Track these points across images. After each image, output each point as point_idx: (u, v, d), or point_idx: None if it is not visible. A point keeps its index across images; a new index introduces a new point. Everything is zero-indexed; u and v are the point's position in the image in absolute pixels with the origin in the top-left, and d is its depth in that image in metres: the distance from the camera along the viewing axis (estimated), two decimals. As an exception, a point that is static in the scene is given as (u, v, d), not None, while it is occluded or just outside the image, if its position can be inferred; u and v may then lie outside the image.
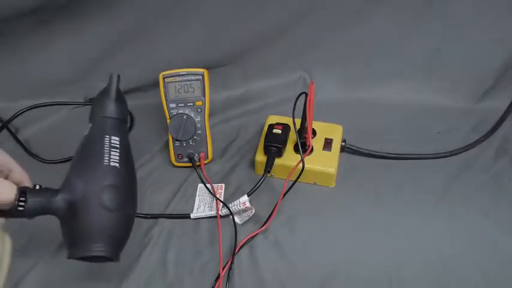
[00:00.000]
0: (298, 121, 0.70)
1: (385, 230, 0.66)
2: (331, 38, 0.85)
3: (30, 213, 0.49)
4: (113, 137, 0.55)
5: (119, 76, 0.60)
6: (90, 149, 0.54)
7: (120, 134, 0.57)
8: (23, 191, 0.49)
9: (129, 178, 0.55)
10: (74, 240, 0.50)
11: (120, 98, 0.61)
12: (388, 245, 0.64)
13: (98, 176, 0.52)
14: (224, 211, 0.67)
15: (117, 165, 0.53)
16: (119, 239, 0.53)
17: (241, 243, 0.64)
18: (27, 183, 0.52)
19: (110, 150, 0.54)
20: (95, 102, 0.60)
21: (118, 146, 0.55)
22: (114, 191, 0.52)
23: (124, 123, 0.60)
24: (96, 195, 0.50)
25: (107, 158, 0.53)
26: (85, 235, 0.50)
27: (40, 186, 0.52)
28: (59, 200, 0.50)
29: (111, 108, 0.58)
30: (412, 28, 0.83)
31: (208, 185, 0.72)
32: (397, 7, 0.80)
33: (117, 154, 0.54)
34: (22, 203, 0.48)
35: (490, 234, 0.65)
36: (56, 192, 0.51)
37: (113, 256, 0.51)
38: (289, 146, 0.74)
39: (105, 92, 0.60)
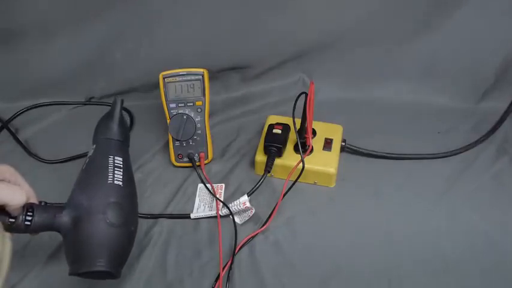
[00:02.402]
0: (298, 121, 0.70)
1: (385, 230, 0.66)
2: (331, 38, 0.85)
3: (36, 229, 0.50)
4: (116, 158, 0.59)
5: (122, 100, 0.65)
6: (94, 168, 0.57)
7: (122, 154, 0.60)
8: (30, 207, 0.50)
9: (131, 196, 0.58)
10: (76, 256, 0.51)
11: (123, 121, 0.64)
12: (388, 245, 0.64)
13: (103, 193, 0.54)
14: (224, 211, 0.67)
15: (121, 183, 0.56)
16: (121, 255, 0.54)
17: (241, 243, 0.64)
18: (34, 199, 0.52)
19: (114, 170, 0.57)
20: (99, 125, 0.64)
21: (121, 166, 0.58)
22: (118, 208, 0.53)
23: (126, 145, 0.64)
24: (101, 211, 0.52)
25: (111, 177, 0.56)
26: (88, 250, 0.50)
27: (46, 202, 0.53)
28: (64, 216, 0.51)
29: (114, 131, 0.62)
30: (412, 28, 0.83)
31: (208, 185, 0.72)
32: (397, 7, 0.80)
33: (121, 173, 0.57)
34: (29, 218, 0.49)
35: (490, 234, 0.65)
36: (61, 208, 0.52)
37: (115, 272, 0.51)
38: (289, 146, 0.74)
39: (109, 116, 0.64)
